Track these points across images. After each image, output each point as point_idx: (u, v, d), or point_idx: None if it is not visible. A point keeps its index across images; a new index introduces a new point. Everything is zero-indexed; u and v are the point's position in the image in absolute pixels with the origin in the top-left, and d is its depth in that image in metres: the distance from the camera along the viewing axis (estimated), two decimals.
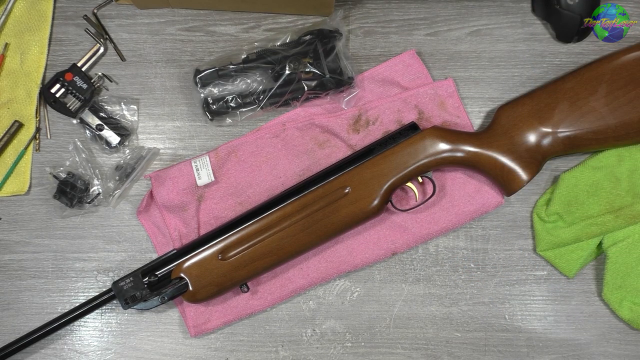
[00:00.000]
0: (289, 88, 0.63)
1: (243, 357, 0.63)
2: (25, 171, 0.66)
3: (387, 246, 0.63)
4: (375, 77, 0.66)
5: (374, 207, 0.58)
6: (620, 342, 0.63)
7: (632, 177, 0.61)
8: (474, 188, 0.64)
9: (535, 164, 0.59)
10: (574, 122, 0.59)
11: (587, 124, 0.59)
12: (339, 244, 0.63)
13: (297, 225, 0.58)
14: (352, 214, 0.58)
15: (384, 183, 0.59)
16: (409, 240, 0.63)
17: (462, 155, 0.59)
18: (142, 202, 0.64)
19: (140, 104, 0.67)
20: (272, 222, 0.58)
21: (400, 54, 0.66)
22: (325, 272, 0.63)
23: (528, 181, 0.59)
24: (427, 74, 0.66)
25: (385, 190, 0.59)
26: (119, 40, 0.68)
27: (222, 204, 0.64)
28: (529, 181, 0.59)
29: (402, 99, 0.65)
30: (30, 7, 0.67)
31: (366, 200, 0.55)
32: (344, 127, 0.64)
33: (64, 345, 0.64)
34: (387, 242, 0.63)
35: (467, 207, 0.63)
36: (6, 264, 0.65)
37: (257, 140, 0.65)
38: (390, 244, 0.63)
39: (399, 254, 0.64)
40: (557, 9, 0.63)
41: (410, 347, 0.63)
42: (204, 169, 0.63)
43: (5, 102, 0.66)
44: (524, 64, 0.67)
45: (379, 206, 0.59)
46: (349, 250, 0.63)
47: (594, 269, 0.64)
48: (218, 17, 0.68)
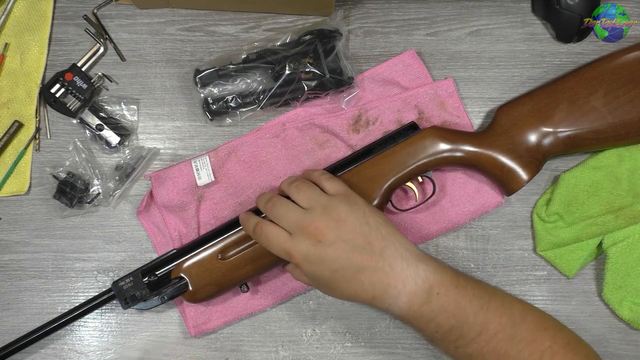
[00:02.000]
0: (289, 88, 0.63)
1: (243, 357, 0.63)
2: (25, 171, 0.66)
3: None
4: (376, 77, 0.66)
5: (374, 207, 0.58)
6: (620, 342, 0.63)
7: (632, 177, 0.61)
8: (474, 188, 0.63)
9: (535, 164, 0.59)
10: (574, 121, 0.59)
11: (588, 123, 0.59)
12: None
13: None
14: None
15: (384, 183, 0.59)
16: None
17: (461, 155, 0.59)
18: (142, 202, 0.64)
19: (140, 104, 0.67)
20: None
21: (401, 54, 0.66)
22: None
23: (528, 181, 0.59)
24: (427, 74, 0.66)
25: (385, 190, 0.59)
26: (119, 40, 0.68)
27: (222, 204, 0.64)
28: (529, 181, 0.59)
29: (402, 99, 0.65)
30: (30, 7, 0.67)
31: (366, 200, 0.55)
32: (344, 127, 0.64)
33: (64, 345, 0.64)
34: None
35: (467, 207, 0.63)
36: (6, 264, 0.65)
37: (257, 140, 0.65)
38: None
39: None
40: (557, 9, 0.63)
41: (410, 347, 0.63)
42: (204, 169, 0.63)
43: (5, 102, 0.66)
44: (524, 64, 0.67)
45: (379, 206, 0.59)
46: None
47: (594, 269, 0.64)
48: (218, 17, 0.68)
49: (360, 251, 0.50)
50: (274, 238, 0.52)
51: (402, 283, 0.50)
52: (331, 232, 0.50)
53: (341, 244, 0.50)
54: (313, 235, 0.50)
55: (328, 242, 0.50)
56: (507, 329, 0.49)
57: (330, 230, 0.50)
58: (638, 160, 0.61)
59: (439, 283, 0.50)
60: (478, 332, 0.49)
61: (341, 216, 0.51)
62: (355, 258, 0.50)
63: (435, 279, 0.50)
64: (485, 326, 0.49)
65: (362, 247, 0.50)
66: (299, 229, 0.51)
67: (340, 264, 0.50)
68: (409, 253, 0.51)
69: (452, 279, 0.51)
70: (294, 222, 0.51)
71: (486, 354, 0.50)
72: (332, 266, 0.50)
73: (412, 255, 0.51)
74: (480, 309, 0.50)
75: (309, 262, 0.50)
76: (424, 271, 0.50)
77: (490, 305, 0.50)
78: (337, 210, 0.51)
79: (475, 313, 0.50)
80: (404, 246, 0.51)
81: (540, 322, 0.51)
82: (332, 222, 0.50)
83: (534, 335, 0.49)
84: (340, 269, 0.50)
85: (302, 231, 0.51)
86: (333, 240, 0.50)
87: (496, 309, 0.50)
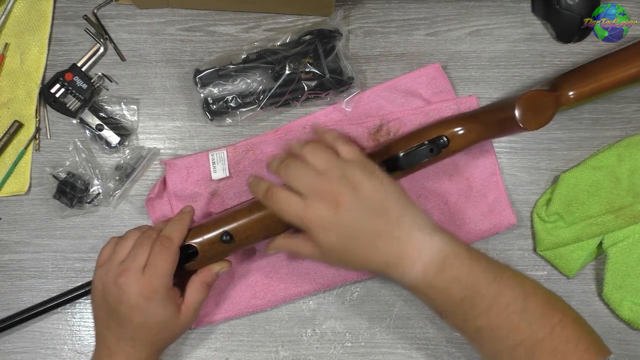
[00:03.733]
0: (289, 88, 0.63)
1: (243, 357, 0.63)
2: (25, 171, 0.66)
3: None
4: (398, 87, 0.65)
5: (391, 177, 0.55)
6: (620, 342, 0.63)
7: (632, 177, 0.61)
8: (487, 208, 0.63)
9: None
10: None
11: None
12: None
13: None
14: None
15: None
16: None
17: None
18: (154, 189, 0.63)
19: (140, 104, 0.67)
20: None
21: (425, 66, 0.65)
22: (332, 279, 0.63)
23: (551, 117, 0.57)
24: (451, 89, 0.65)
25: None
26: (119, 40, 0.68)
27: (236, 200, 0.63)
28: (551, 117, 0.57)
29: (424, 112, 0.64)
30: (30, 7, 0.67)
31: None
32: (364, 136, 0.64)
33: (64, 345, 0.64)
34: None
35: (478, 226, 0.63)
36: (6, 264, 0.65)
37: (276, 140, 0.64)
38: None
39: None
40: (557, 9, 0.63)
41: (410, 347, 0.63)
42: (220, 162, 0.63)
43: (5, 102, 0.66)
44: (524, 64, 0.67)
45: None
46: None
47: (594, 269, 0.64)
48: (218, 17, 0.68)
49: (378, 217, 0.49)
50: (287, 203, 0.50)
51: (417, 252, 0.49)
52: (349, 196, 0.49)
53: (359, 209, 0.49)
54: (329, 199, 0.49)
55: (345, 207, 0.48)
56: (518, 302, 0.48)
57: (348, 195, 0.49)
58: (638, 160, 0.62)
59: (453, 253, 0.49)
60: (489, 304, 0.48)
61: (358, 181, 0.49)
62: (372, 223, 0.49)
63: (449, 249, 0.50)
64: (497, 298, 0.48)
65: (379, 212, 0.49)
66: (314, 192, 0.49)
67: (357, 229, 0.49)
68: (425, 223, 0.50)
69: (465, 251, 0.50)
70: (309, 185, 0.50)
71: (496, 328, 0.48)
72: (349, 232, 0.49)
73: (428, 226, 0.50)
74: (494, 280, 0.49)
75: (324, 229, 0.49)
76: (439, 241, 0.50)
77: (503, 277, 0.49)
78: (354, 175, 0.50)
79: (489, 284, 0.49)
80: (420, 216, 0.51)
81: (550, 298, 0.50)
82: (349, 187, 0.49)
83: (544, 310, 0.49)
84: (356, 235, 0.49)
85: (318, 195, 0.49)
86: (350, 205, 0.49)
87: (508, 280, 0.49)
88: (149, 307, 0.52)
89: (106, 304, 0.53)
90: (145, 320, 0.52)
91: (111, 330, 0.53)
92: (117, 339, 0.53)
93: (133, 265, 0.52)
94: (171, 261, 0.53)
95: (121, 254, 0.54)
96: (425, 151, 0.57)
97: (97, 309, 0.55)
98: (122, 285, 0.52)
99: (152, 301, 0.52)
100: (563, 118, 0.66)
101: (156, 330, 0.53)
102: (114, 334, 0.53)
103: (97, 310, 0.55)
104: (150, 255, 0.53)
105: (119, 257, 0.54)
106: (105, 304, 0.53)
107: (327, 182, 0.50)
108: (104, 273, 0.54)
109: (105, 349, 0.54)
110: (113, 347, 0.53)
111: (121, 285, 0.52)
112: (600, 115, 0.66)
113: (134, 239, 0.55)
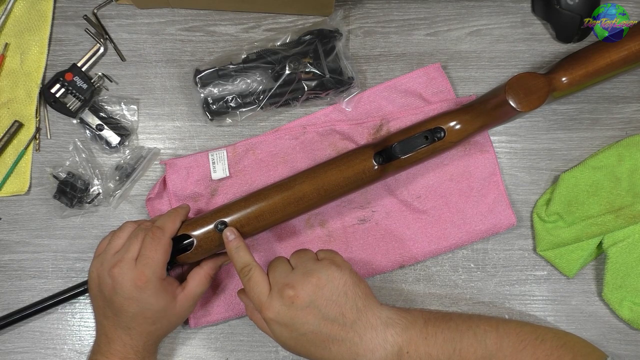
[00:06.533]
0: (289, 88, 0.63)
1: (243, 357, 0.63)
2: (25, 171, 0.66)
3: (395, 259, 0.63)
4: (398, 87, 0.65)
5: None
6: (620, 342, 0.63)
7: (632, 177, 0.61)
8: (487, 208, 0.63)
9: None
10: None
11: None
12: (351, 256, 0.63)
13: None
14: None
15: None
16: (417, 254, 0.63)
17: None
18: (154, 189, 0.64)
19: (140, 104, 0.67)
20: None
21: (425, 66, 0.65)
22: None
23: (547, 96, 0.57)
24: (451, 89, 0.65)
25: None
26: (119, 40, 0.68)
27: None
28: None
29: (424, 112, 0.64)
30: (30, 7, 0.68)
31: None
32: (364, 136, 0.64)
33: (64, 345, 0.64)
34: (396, 255, 0.63)
35: (478, 226, 0.63)
36: (6, 264, 0.65)
37: (276, 140, 0.64)
38: (398, 256, 0.63)
39: (406, 266, 0.64)
40: (557, 9, 0.63)
41: None
42: (220, 162, 0.63)
43: (5, 102, 0.66)
44: (524, 64, 0.67)
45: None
46: (359, 261, 0.63)
47: (594, 269, 0.64)
48: (218, 17, 0.68)
49: (332, 321, 0.50)
50: (255, 286, 0.52)
51: (370, 352, 0.50)
52: (306, 296, 0.50)
53: (313, 309, 0.50)
54: (288, 296, 0.50)
55: (300, 306, 0.50)
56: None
57: (306, 294, 0.50)
58: (638, 160, 0.62)
59: (407, 342, 0.51)
60: None
61: (320, 282, 0.50)
62: (325, 327, 0.50)
63: (403, 340, 0.51)
64: None
65: (333, 317, 0.50)
66: (278, 286, 0.51)
67: (309, 329, 0.50)
68: (379, 321, 0.51)
69: (420, 333, 0.51)
70: (277, 279, 0.52)
71: None
72: (300, 330, 0.50)
73: (382, 323, 0.51)
74: (454, 353, 0.50)
75: (279, 324, 0.51)
76: (392, 335, 0.51)
77: (462, 345, 0.51)
78: (318, 275, 0.51)
79: (449, 358, 0.50)
80: (376, 315, 0.52)
81: (516, 343, 0.50)
82: (310, 287, 0.50)
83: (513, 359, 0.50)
84: (308, 334, 0.50)
85: (280, 290, 0.51)
86: (306, 304, 0.50)
87: (470, 345, 0.51)
88: (142, 297, 0.53)
89: (102, 294, 0.54)
90: (140, 310, 0.53)
91: (108, 319, 0.55)
92: (114, 327, 0.54)
93: (126, 256, 0.53)
94: (162, 251, 0.53)
95: (116, 244, 0.55)
96: (420, 139, 0.58)
97: (94, 299, 0.56)
98: (116, 275, 0.53)
99: (145, 291, 0.52)
100: (563, 118, 0.66)
101: (152, 320, 0.54)
102: (111, 323, 0.54)
103: (94, 300, 0.56)
104: (142, 246, 0.54)
105: (114, 248, 0.55)
106: (101, 294, 0.54)
107: (292, 278, 0.51)
108: (99, 264, 0.55)
109: (103, 336, 0.55)
110: (110, 335, 0.55)
111: (115, 276, 0.53)
112: (600, 115, 0.66)
113: (130, 231, 0.56)
